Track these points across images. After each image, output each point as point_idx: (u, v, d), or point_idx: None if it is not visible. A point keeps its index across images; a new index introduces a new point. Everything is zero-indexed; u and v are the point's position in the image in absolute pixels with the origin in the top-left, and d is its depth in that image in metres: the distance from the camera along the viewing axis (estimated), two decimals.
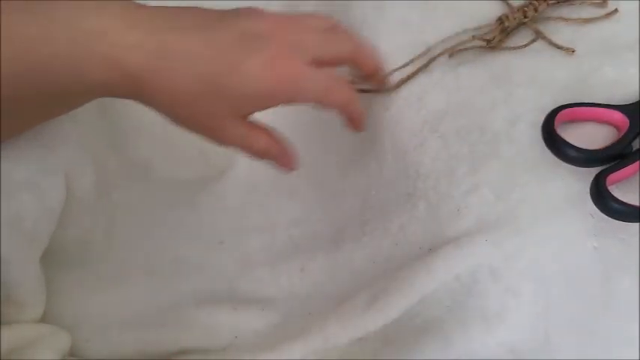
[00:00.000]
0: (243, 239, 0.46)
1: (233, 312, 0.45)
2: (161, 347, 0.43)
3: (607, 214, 0.36)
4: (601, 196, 0.36)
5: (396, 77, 0.45)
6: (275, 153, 0.40)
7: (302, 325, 0.41)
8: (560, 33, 0.43)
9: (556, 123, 0.39)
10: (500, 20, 0.44)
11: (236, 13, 0.37)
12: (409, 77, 0.44)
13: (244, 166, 0.48)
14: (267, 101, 0.37)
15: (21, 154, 0.39)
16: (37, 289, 0.43)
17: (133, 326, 0.44)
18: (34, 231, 0.40)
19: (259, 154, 0.39)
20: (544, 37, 0.42)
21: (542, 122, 0.39)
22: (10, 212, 0.39)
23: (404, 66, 0.45)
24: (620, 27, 0.43)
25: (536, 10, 0.43)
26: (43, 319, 0.44)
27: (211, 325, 0.45)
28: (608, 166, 0.37)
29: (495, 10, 0.46)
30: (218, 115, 0.37)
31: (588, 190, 0.37)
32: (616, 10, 0.43)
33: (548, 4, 0.44)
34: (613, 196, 0.36)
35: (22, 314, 0.43)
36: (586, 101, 0.40)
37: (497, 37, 0.43)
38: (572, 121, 0.40)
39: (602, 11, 0.43)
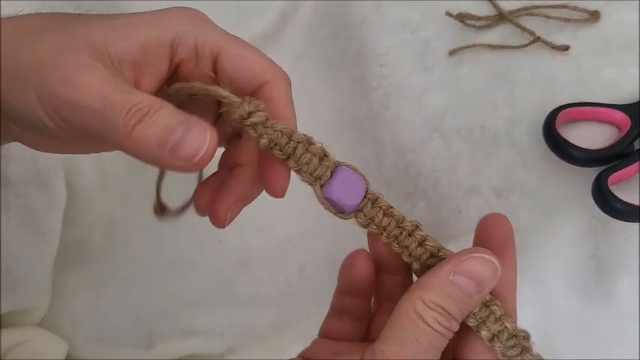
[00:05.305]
0: (242, 239, 0.46)
1: (231, 312, 0.45)
2: (160, 349, 0.43)
3: (608, 214, 0.36)
4: (603, 196, 0.36)
5: (396, 77, 0.45)
6: None
7: (300, 326, 0.40)
8: (561, 33, 0.43)
9: (557, 123, 0.39)
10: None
11: None
12: None
13: None
14: None
15: (23, 153, 0.39)
16: (46, 291, 0.43)
17: (133, 327, 0.44)
18: (45, 230, 0.40)
19: None
20: (538, 38, 0.42)
21: (543, 122, 0.39)
22: (20, 210, 0.38)
23: None
24: (620, 27, 0.43)
25: None
26: (44, 320, 0.44)
27: (209, 326, 0.44)
28: (609, 165, 0.37)
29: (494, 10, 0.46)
30: None
31: (589, 189, 0.37)
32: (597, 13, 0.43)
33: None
34: (615, 195, 0.36)
35: (27, 316, 0.43)
36: (587, 101, 0.40)
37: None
38: (574, 120, 0.40)
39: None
